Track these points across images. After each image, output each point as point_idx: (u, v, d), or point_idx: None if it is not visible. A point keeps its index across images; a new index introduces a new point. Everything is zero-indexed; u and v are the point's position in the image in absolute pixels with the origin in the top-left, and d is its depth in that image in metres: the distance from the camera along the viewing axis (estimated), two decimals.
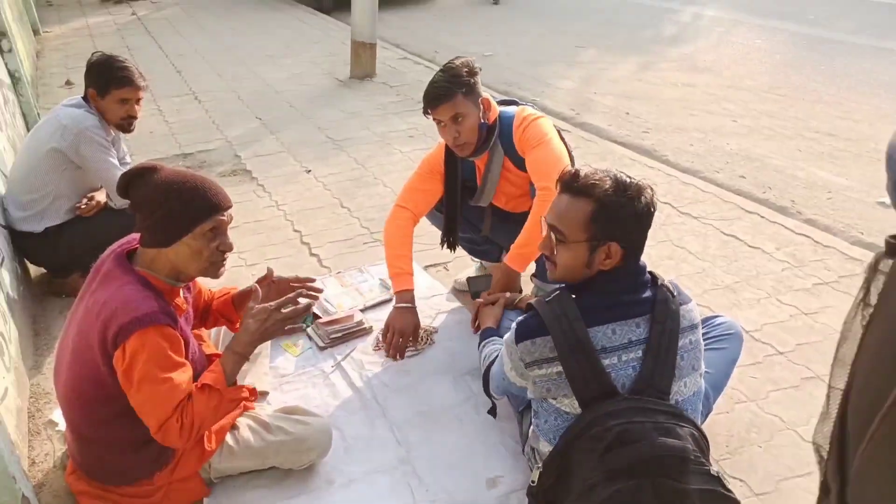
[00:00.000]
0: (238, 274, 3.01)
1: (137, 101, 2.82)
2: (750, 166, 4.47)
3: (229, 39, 8.20)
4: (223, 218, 1.75)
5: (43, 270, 3.07)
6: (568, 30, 8.48)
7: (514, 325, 1.71)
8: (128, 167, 2.95)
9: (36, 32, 8.19)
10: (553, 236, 1.67)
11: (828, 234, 3.38)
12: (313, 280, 2.18)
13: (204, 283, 2.14)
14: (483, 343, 2.15)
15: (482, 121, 2.46)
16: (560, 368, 1.60)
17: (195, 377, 1.78)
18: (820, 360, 2.45)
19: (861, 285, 0.94)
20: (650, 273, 1.69)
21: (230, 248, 1.79)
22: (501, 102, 2.60)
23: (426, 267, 3.11)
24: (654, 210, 1.64)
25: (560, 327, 1.60)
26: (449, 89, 2.38)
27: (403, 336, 2.51)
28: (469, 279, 2.90)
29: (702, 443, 1.58)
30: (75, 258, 2.90)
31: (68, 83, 6.22)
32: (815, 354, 2.47)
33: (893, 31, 7.71)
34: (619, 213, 1.60)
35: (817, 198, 3.98)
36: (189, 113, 5.50)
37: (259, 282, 2.13)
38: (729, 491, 1.50)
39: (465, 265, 3.13)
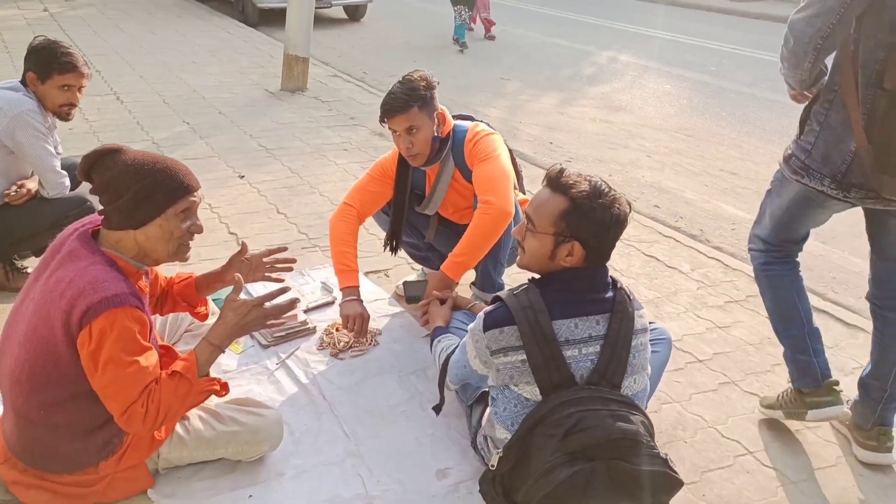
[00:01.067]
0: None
1: (80, 88, 2.74)
2: (663, 197, 4.80)
3: (150, 43, 7.98)
4: (195, 199, 1.75)
5: None
6: (493, 62, 8.80)
7: (481, 314, 1.80)
8: (59, 157, 2.86)
9: None
10: (526, 223, 1.79)
11: (735, 259, 3.69)
12: (285, 249, 2.19)
13: (160, 269, 2.11)
14: (437, 338, 2.23)
15: (436, 133, 2.56)
16: (524, 356, 1.70)
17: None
18: (734, 367, 2.68)
19: None
20: (612, 277, 1.83)
21: (200, 230, 1.79)
22: (457, 117, 2.72)
23: (367, 273, 3.16)
24: (626, 222, 1.74)
25: (526, 318, 1.70)
26: (406, 101, 2.47)
27: (363, 319, 2.56)
28: (405, 283, 2.98)
29: (651, 430, 1.71)
30: None
31: None
32: (730, 363, 2.71)
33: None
34: (589, 216, 1.70)
35: (723, 228, 4.33)
36: (111, 113, 5.31)
37: (233, 258, 2.12)
38: (675, 472, 1.64)
39: (406, 273, 3.20)
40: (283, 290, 1.91)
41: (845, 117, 1.94)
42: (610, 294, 1.78)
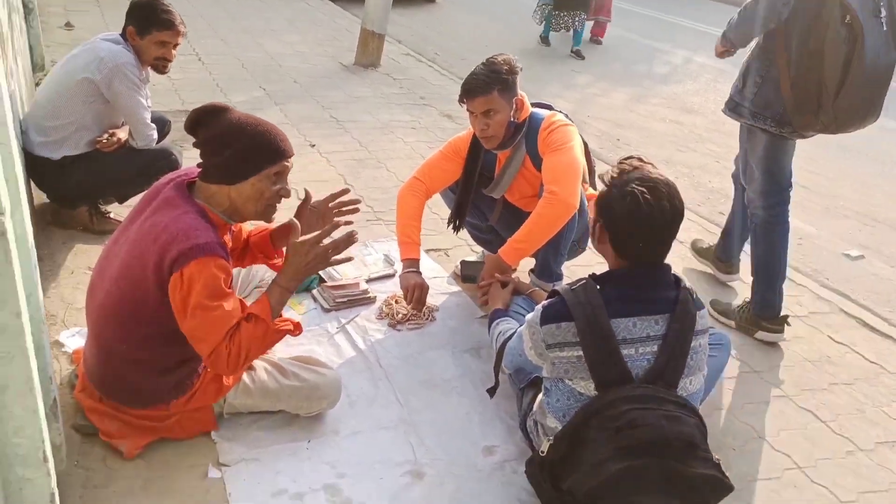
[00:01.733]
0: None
1: (175, 45, 2.86)
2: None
3: (232, 8, 8.16)
4: (288, 164, 1.83)
5: (46, 200, 3.05)
6: (565, 53, 8.72)
7: (539, 307, 1.83)
8: (149, 111, 2.99)
9: None
10: None
11: (801, 274, 3.62)
12: (347, 191, 2.18)
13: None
14: (496, 321, 2.27)
15: (512, 119, 2.58)
16: (580, 353, 1.72)
17: None
18: (789, 381, 2.65)
19: None
20: (675, 276, 1.83)
21: (289, 195, 1.87)
22: (535, 104, 2.73)
23: (427, 251, 3.21)
24: (657, 220, 1.70)
25: (584, 315, 1.72)
26: (487, 84, 2.49)
27: (422, 289, 2.61)
28: (462, 262, 3.02)
29: (704, 433, 1.72)
30: (86, 191, 2.91)
31: (68, 25, 6.12)
32: (786, 377, 2.68)
33: None
34: (608, 202, 1.77)
35: (790, 242, 4.22)
36: (192, 72, 5.49)
37: (299, 208, 2.14)
38: (726, 477, 1.65)
39: (467, 254, 3.24)
40: (336, 225, 1.90)
41: (780, 73, 2.58)
42: (672, 293, 1.78)
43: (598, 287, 1.77)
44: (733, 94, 2.82)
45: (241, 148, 1.76)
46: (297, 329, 1.89)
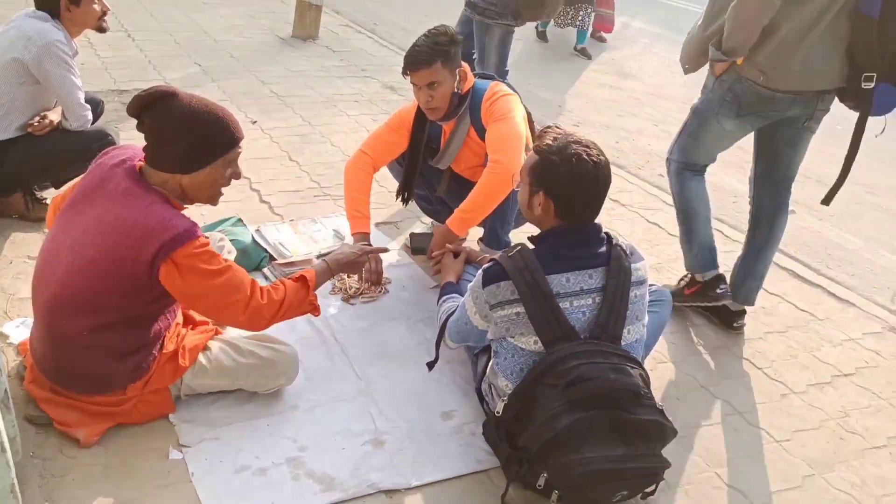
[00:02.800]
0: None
1: None
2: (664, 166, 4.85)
3: None
4: (240, 150, 1.83)
5: None
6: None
7: (480, 272, 1.92)
8: (82, 91, 2.89)
9: None
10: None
11: (736, 231, 3.79)
12: None
13: None
14: (443, 299, 2.32)
15: (456, 90, 2.60)
16: (520, 309, 1.82)
17: None
18: (726, 335, 2.79)
19: None
20: (607, 233, 1.92)
21: (239, 176, 1.87)
22: (478, 75, 2.75)
23: (378, 224, 3.23)
24: (590, 179, 1.82)
25: (521, 276, 1.82)
26: (430, 56, 2.50)
27: (377, 261, 2.65)
28: (411, 234, 3.06)
29: (648, 382, 1.83)
30: (20, 177, 2.81)
31: None
32: (724, 329, 2.81)
33: None
34: (550, 168, 1.84)
35: (725, 200, 4.40)
36: (123, 50, 5.29)
37: None
38: (669, 422, 1.76)
39: (415, 226, 3.27)
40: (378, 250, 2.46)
41: None
42: (603, 249, 1.88)
43: (533, 249, 1.88)
44: (477, 1, 4.09)
45: (195, 138, 1.75)
46: (316, 310, 2.01)
